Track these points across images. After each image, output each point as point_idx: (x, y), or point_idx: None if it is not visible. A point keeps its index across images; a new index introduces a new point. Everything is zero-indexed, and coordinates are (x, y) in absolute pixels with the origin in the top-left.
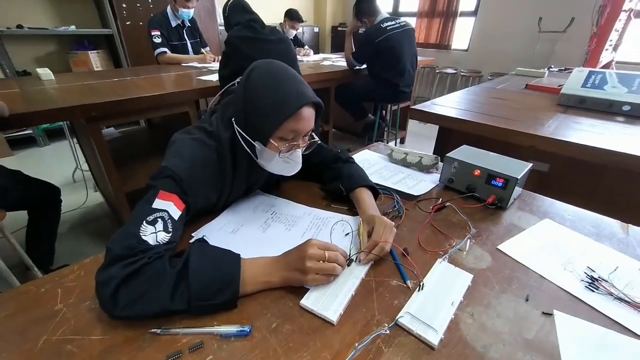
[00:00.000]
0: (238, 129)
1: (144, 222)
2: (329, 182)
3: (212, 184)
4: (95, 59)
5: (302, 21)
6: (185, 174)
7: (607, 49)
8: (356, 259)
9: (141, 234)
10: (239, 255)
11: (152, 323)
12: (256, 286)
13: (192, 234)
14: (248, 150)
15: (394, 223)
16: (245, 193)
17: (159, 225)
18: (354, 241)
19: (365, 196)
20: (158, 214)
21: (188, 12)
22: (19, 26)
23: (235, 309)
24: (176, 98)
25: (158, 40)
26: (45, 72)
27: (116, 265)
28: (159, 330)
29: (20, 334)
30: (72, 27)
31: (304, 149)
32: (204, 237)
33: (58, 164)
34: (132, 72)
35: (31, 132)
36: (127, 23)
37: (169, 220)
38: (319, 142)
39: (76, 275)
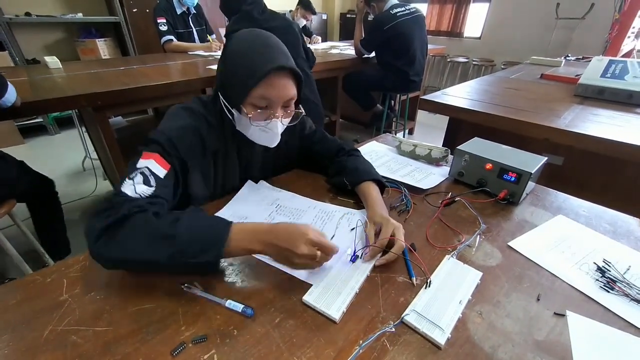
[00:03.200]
0: (221, 97)
1: (126, 179)
2: (334, 175)
3: (204, 152)
4: (103, 47)
5: (314, 13)
6: (168, 137)
7: (629, 37)
8: (361, 255)
9: (121, 188)
10: (230, 222)
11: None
12: (240, 252)
13: None
14: (231, 118)
15: (401, 225)
16: (243, 174)
17: (138, 178)
18: (360, 236)
19: (371, 191)
20: (138, 171)
21: None
22: (27, 14)
23: (215, 272)
24: (182, 87)
25: (164, 28)
26: (53, 61)
27: (98, 217)
28: (184, 286)
29: (27, 323)
30: (80, 15)
31: (286, 119)
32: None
33: (68, 152)
34: (139, 60)
35: (42, 120)
36: (134, 10)
37: (151, 176)
38: (304, 113)
39: (81, 265)
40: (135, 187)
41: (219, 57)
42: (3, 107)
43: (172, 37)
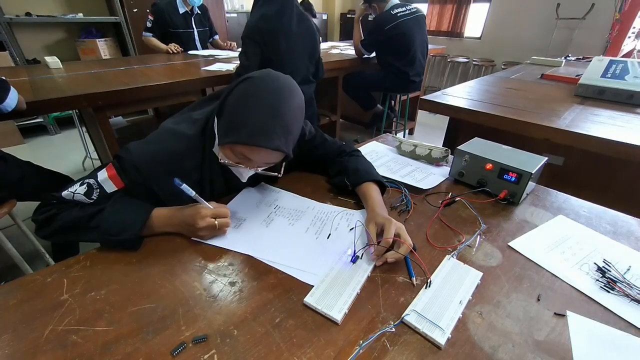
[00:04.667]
0: (215, 122)
1: (73, 185)
2: (335, 176)
3: (187, 174)
4: (103, 47)
5: (315, 16)
6: (134, 162)
7: (629, 37)
8: (361, 255)
9: (62, 192)
10: (152, 208)
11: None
12: (158, 232)
13: None
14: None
15: (403, 225)
16: (235, 186)
17: (81, 189)
18: (359, 236)
19: (372, 192)
20: (91, 180)
21: None
22: (28, 14)
23: (137, 249)
24: (182, 87)
25: (149, 24)
26: (53, 61)
27: (38, 210)
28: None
29: (27, 323)
30: (80, 15)
31: (257, 169)
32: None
33: (68, 152)
34: (140, 60)
35: (42, 120)
36: (134, 10)
37: (97, 190)
38: (279, 175)
39: (82, 265)
40: (73, 196)
41: (221, 57)
42: (3, 112)
43: (150, 34)
